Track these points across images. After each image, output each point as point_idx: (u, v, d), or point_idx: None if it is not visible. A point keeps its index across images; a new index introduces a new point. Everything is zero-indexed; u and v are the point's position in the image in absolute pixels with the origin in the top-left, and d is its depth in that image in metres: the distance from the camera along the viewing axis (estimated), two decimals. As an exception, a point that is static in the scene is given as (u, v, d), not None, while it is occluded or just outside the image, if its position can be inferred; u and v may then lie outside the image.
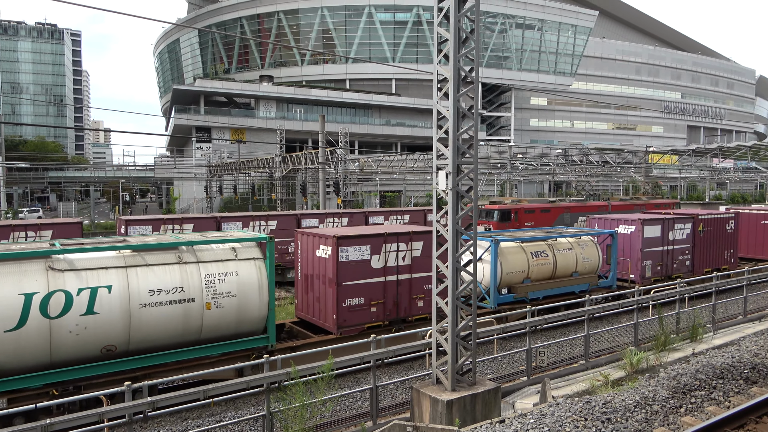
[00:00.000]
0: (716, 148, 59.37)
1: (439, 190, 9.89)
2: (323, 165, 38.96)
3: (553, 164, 61.46)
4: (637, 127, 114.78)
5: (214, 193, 60.88)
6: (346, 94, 78.17)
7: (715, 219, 22.84)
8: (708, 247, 22.71)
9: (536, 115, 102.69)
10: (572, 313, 13.52)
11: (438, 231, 10.07)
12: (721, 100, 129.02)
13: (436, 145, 9.90)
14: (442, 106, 9.76)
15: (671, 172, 78.40)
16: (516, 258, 17.29)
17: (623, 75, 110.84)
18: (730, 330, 16.17)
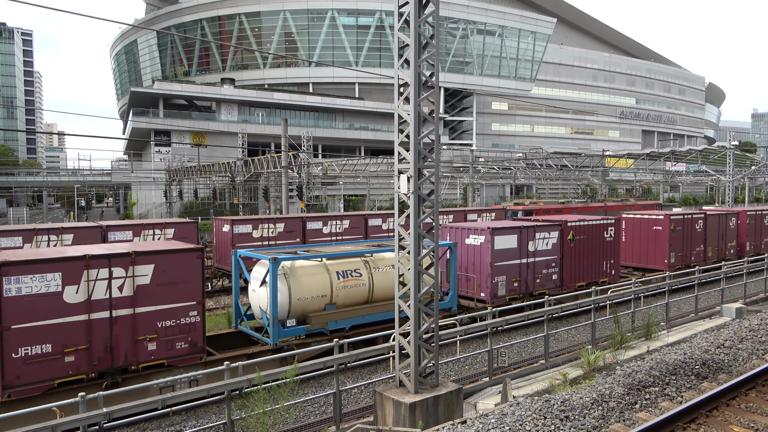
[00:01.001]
0: (669, 152, 61.57)
1: (401, 193, 9.95)
2: (286, 169, 38.66)
3: (514, 168, 62.58)
4: (594, 131, 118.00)
5: (173, 197, 59.59)
6: (310, 98, 77.75)
7: (590, 226, 20.37)
8: (581, 258, 20.00)
9: (498, 119, 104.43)
10: (533, 314, 13.79)
11: (400, 234, 10.13)
12: (674, 106, 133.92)
13: (398, 149, 9.97)
14: (403, 110, 9.84)
15: (627, 175, 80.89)
16: (313, 280, 14.01)
17: (581, 81, 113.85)
18: (682, 327, 16.77)
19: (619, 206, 42.23)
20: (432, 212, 9.97)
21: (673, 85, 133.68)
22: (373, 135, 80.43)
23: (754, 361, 11.93)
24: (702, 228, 25.32)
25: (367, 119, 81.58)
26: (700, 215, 25.23)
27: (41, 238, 20.88)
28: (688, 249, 24.54)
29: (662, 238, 23.60)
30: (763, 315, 16.37)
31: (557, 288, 19.28)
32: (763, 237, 29.43)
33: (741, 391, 10.09)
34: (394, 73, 9.93)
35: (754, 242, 28.88)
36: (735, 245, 27.57)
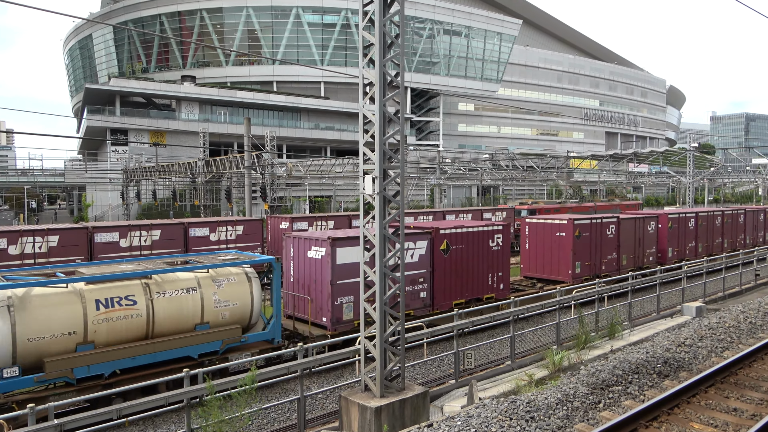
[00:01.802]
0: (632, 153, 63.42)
1: (366, 194, 9.93)
2: (249, 169, 38.21)
3: (480, 169, 63.32)
4: (559, 133, 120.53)
5: (131, 199, 58.13)
6: (274, 97, 77.07)
7: (471, 234, 17.94)
8: (458, 272, 17.67)
9: (464, 120, 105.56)
10: (499, 315, 13.96)
11: (365, 236, 10.11)
12: (636, 108, 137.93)
13: (363, 150, 9.95)
14: (368, 110, 9.82)
15: (591, 177, 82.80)
16: (56, 312, 10.84)
17: (546, 82, 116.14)
18: (645, 327, 17.25)
19: (606, 206, 45.76)
20: (398, 213, 9.98)
21: (636, 87, 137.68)
22: (339, 135, 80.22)
23: (713, 359, 12.35)
24: (614, 234, 23.27)
25: (332, 119, 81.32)
26: (612, 219, 23.16)
27: (136, 233, 22.36)
28: (597, 257, 22.47)
29: (566, 246, 21.46)
30: (722, 313, 16.98)
31: (426, 308, 16.68)
32: (687, 242, 27.76)
33: (701, 389, 10.43)
34: (359, 73, 9.90)
35: (677, 248, 27.07)
36: (655, 252, 25.55)
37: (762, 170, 68.82)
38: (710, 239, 29.69)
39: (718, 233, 30.45)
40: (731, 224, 31.54)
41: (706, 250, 29.22)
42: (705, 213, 29.35)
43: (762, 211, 34.71)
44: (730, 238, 31.35)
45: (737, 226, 32.16)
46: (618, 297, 21.46)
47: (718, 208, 34.01)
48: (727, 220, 31.18)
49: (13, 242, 20.43)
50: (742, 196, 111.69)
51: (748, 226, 33.24)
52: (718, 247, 30.35)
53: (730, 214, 31.47)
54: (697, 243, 28.65)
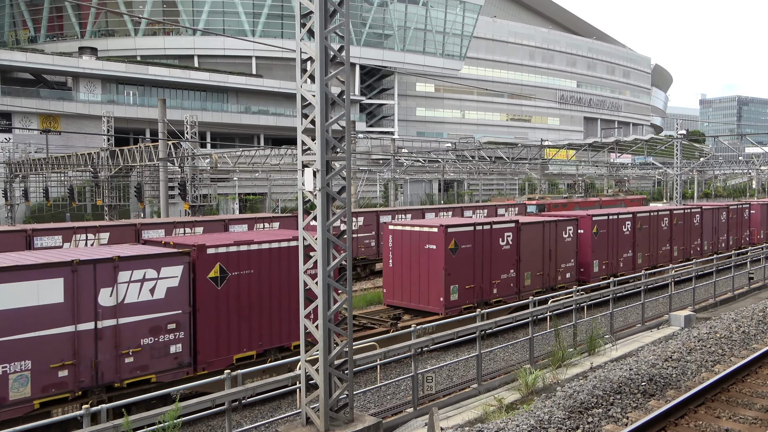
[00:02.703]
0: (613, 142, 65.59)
1: (306, 191, 9.91)
2: (165, 162, 37.47)
3: (442, 161, 64.08)
4: (532, 118, 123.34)
5: (16, 198, 55.91)
6: (195, 74, 75.85)
7: (261, 252, 14.28)
8: (242, 311, 14.03)
9: (423, 103, 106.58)
10: (462, 331, 14.17)
11: (305, 240, 10.08)
12: (618, 90, 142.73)
13: (301, 138, 9.92)
14: (307, 90, 9.80)
15: (568, 169, 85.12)
16: None
17: (516, 60, 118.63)
18: (629, 340, 17.88)
19: (612, 201, 48.44)
20: (343, 213, 9.99)
21: (617, 66, 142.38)
22: (275, 120, 79.64)
23: (703, 374, 12.93)
24: (512, 245, 20.73)
25: (267, 101, 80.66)
26: (508, 225, 20.72)
27: (82, 236, 23.45)
28: (485, 277, 19.85)
29: (436, 263, 18.63)
30: (713, 322, 17.78)
31: (183, 368, 13.07)
32: (621, 252, 25.91)
33: (690, 408, 10.90)
34: (296, 46, 9.86)
35: (607, 260, 25.08)
36: (574, 266, 23.42)
37: (755, 161, 72.40)
38: (653, 247, 27.69)
39: (665, 239, 28.42)
40: (683, 227, 29.72)
41: (648, 261, 27.29)
42: (645, 214, 27.35)
43: (724, 210, 33.54)
44: (682, 244, 29.57)
45: (691, 229, 30.41)
46: (599, 306, 22.13)
47: (666, 206, 32.73)
48: (677, 221, 29.20)
49: None
50: (734, 190, 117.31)
51: (706, 228, 31.71)
52: (664, 256, 28.30)
53: (681, 214, 29.70)
54: (636, 253, 26.50)
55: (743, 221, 35.90)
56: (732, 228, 34.44)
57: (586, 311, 20.22)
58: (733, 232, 34.61)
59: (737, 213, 35.16)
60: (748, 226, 36.50)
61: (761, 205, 38.24)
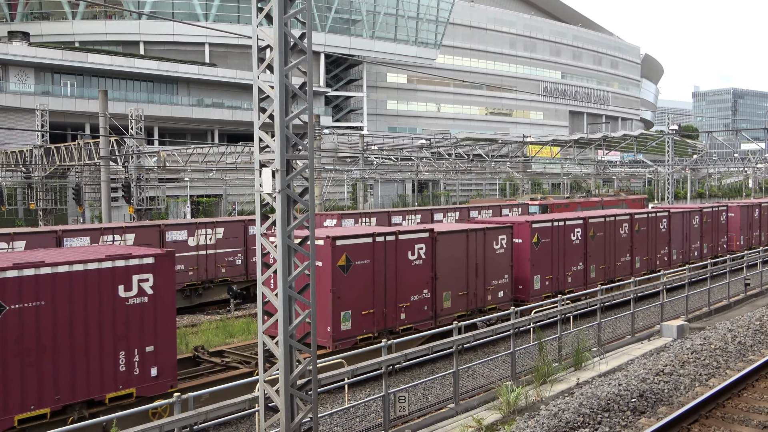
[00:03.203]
0: (601, 138, 66.46)
1: (264, 193, 9.83)
2: (107, 161, 37.01)
3: (416, 158, 64.33)
4: (513, 112, 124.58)
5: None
6: (141, 63, 75.05)
7: (56, 277, 12.17)
8: (11, 359, 11.73)
9: (394, 95, 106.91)
10: (437, 345, 14.21)
11: (263, 247, 10.00)
12: (605, 82, 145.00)
13: (259, 134, 9.84)
14: (264, 82, 9.73)
15: (552, 167, 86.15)
16: None
17: (496, 48, 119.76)
18: (618, 352, 18.14)
19: (613, 201, 51.01)
20: (305, 217, 9.94)
21: (605, 56, 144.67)
22: (231, 114, 79.16)
23: (697, 389, 13.17)
24: (425, 259, 18.57)
25: (222, 93, 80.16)
26: (421, 235, 18.66)
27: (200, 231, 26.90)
28: (391, 301, 17.76)
29: (322, 285, 16.30)
30: (707, 333, 18.14)
31: None
32: (569, 265, 23.89)
33: (683, 426, 11.09)
34: (252, 33, 9.79)
35: (551, 275, 23.16)
36: (509, 283, 21.38)
37: (751, 158, 74.10)
38: (610, 258, 25.88)
39: (625, 248, 26.74)
40: (647, 233, 28.10)
41: (604, 275, 25.37)
42: (600, 219, 25.60)
43: (697, 213, 32.25)
44: (645, 254, 28.01)
45: (657, 236, 28.78)
46: (585, 317, 22.40)
47: (628, 210, 30.34)
48: (639, 227, 27.55)
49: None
50: (730, 190, 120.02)
51: (675, 235, 30.16)
52: (624, 268, 26.56)
53: (644, 218, 28.03)
54: (588, 265, 24.69)
55: (719, 226, 34.55)
56: (706, 234, 33.10)
57: (572, 322, 20.45)
58: (708, 238, 33.27)
59: (713, 216, 33.82)
60: (725, 231, 35.36)
61: (741, 207, 37.01)
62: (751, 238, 37.85)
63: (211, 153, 51.14)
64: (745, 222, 37.29)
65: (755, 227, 38.59)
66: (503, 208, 41.22)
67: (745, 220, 37.32)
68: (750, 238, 37.78)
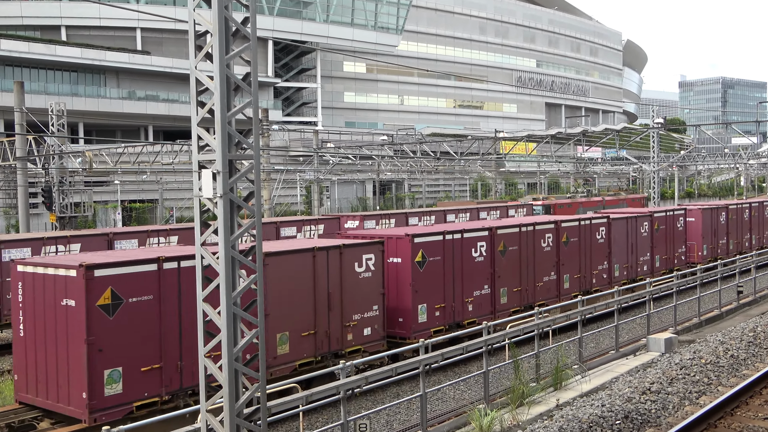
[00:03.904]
0: (580, 133, 67.50)
1: (204, 198, 9.75)
2: (24, 162, 36.35)
3: (377, 157, 64.47)
4: (484, 104, 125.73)
5: None
6: (63, 50, 73.92)
7: None
8: None
9: (352, 87, 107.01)
10: (402, 366, 14.24)
11: (203, 259, 9.91)
12: (584, 71, 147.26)
13: (197, 131, 9.76)
14: (202, 72, 9.65)
15: (528, 165, 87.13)
16: None
17: (465, 34, 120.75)
18: (601, 369, 18.40)
19: (614, 200, 54.55)
20: (252, 224, 9.88)
21: (583, 42, 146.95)
22: (167, 108, 78.43)
23: (687, 408, 13.43)
24: (269, 282, 15.77)
25: (156, 84, 79.40)
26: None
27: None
28: (188, 352, 14.80)
29: (75, 332, 13.73)
30: (697, 346, 18.52)
31: None
32: (471, 289, 21.50)
33: (672, 450, 11.29)
34: (188, 16, 9.71)
35: (443, 302, 20.55)
36: (381, 317, 19.00)
37: (743, 153, 75.86)
38: (527, 279, 23.50)
39: (548, 266, 24.50)
40: (579, 246, 25.78)
41: (520, 299, 23.19)
42: (513, 230, 23.08)
43: (646, 219, 30.43)
44: (577, 271, 25.73)
45: (592, 249, 26.49)
46: (565, 331, 22.67)
47: (553, 218, 27.30)
48: (567, 238, 25.15)
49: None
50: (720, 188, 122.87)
51: (616, 246, 28.15)
52: (547, 290, 24.15)
53: (575, 227, 25.60)
54: (496, 289, 22.28)
55: (676, 234, 32.59)
56: (659, 244, 31.10)
57: (551, 338, 20.68)
58: (662, 249, 31.34)
59: (667, 222, 31.82)
60: (683, 240, 33.38)
61: (703, 210, 35.15)
62: (716, 248, 35.88)
63: (145, 152, 50.50)
64: (709, 228, 35.28)
65: (721, 234, 36.61)
66: (509, 209, 44.31)
67: (709, 226, 35.29)
68: (715, 247, 35.84)
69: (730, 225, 37.29)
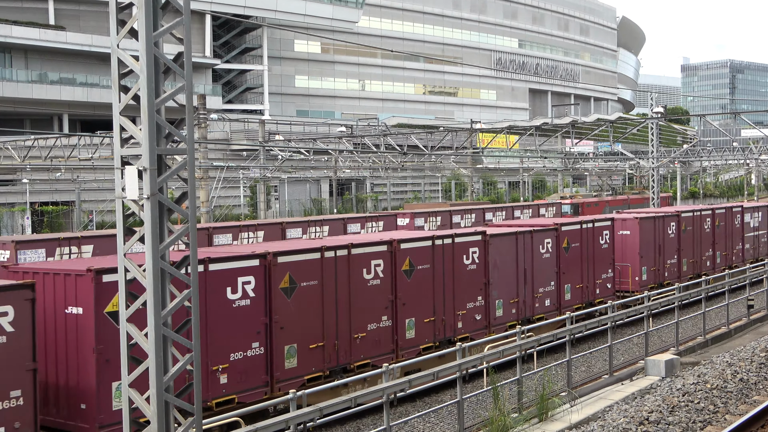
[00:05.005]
0: (569, 124, 68.03)
1: (128, 200, 9.66)
2: None
3: (334, 152, 64.30)
4: (458, 91, 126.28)
5: None
6: (-42, 25, 72.82)
7: None
8: None
9: (305, 69, 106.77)
10: (368, 393, 14.24)
11: (128, 271, 9.82)
12: (574, 52, 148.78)
13: (120, 122, 9.68)
14: (126, 51, 9.58)
15: (508, 161, 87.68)
16: None
17: (436, 9, 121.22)
18: (593, 397, 18.58)
19: (638, 199, 60.45)
20: (184, 231, 9.81)
21: (572, 19, 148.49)
22: (85, 94, 77.84)
23: (690, 441, 13.62)
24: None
25: (73, 65, 79.00)
26: None
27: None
28: None
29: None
30: (702, 368, 18.78)
31: None
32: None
33: (673, 489, 11.42)
34: (110, -14, 9.63)
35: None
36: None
37: (753, 147, 76.87)
38: (357, 320, 19.16)
39: (374, 310, 19.66)
40: (438, 275, 21.09)
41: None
42: (342, 250, 18.73)
43: (550, 234, 25.03)
44: (442, 312, 21.26)
45: (457, 280, 21.61)
46: (552, 353, 22.85)
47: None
48: (413, 265, 20.48)
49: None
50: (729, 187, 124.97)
51: (498, 276, 22.98)
52: (375, 345, 19.50)
53: (439, 246, 21.28)
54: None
55: (598, 253, 27.14)
56: (571, 269, 25.75)
57: (536, 361, 20.82)
58: (574, 276, 25.91)
59: (583, 238, 26.35)
60: (609, 261, 27.97)
61: (642, 220, 30.25)
62: (661, 270, 31.04)
63: (59, 146, 49.91)
64: (650, 244, 30.42)
65: (670, 251, 31.78)
66: (524, 209, 50.47)
67: (651, 240, 30.49)
68: (659, 269, 30.93)
69: (684, 239, 32.71)
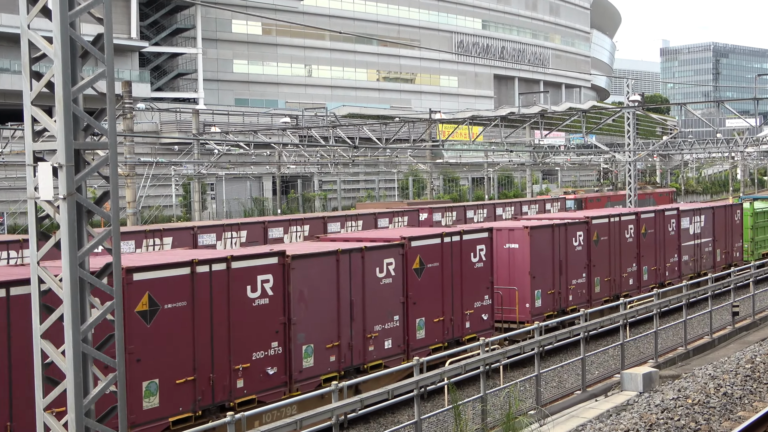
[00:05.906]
0: (538, 113, 68.70)
1: (42, 200, 9.59)
2: None
3: (278, 145, 64.19)
4: (416, 77, 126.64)
5: None
6: None
7: None
8: None
9: (243, 53, 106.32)
10: (313, 416, 14.27)
11: (42, 281, 9.74)
12: (543, 34, 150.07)
13: (32, 112, 9.61)
14: (38, 32, 9.51)
15: (471, 156, 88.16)
16: None
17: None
18: (565, 414, 18.78)
19: (640, 195, 59.89)
20: (106, 235, 9.76)
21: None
22: (-4, 81, 76.86)
23: (669, 462, 13.84)
24: None
25: (-19, 49, 77.70)
26: None
27: None
28: None
29: None
30: (682, 383, 19.08)
31: None
32: None
33: None
34: (19, -40, 9.54)
35: None
36: None
37: (739, 139, 78.09)
38: None
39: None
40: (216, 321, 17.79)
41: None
42: None
43: (394, 251, 21.37)
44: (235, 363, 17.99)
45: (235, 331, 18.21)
46: (520, 366, 23.07)
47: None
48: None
49: None
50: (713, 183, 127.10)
51: (312, 317, 19.19)
52: None
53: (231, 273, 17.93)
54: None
55: (468, 275, 23.70)
56: (430, 299, 22.47)
57: (502, 376, 20.99)
58: (428, 307, 22.36)
59: (444, 255, 22.98)
60: (486, 285, 24.47)
61: (534, 230, 26.36)
62: (564, 294, 27.72)
63: (-35, 140, 49.35)
64: (548, 260, 27.00)
65: (576, 269, 28.45)
66: (531, 204, 57.07)
67: (548, 255, 27.01)
68: (562, 293, 27.59)
69: (597, 252, 29.35)
